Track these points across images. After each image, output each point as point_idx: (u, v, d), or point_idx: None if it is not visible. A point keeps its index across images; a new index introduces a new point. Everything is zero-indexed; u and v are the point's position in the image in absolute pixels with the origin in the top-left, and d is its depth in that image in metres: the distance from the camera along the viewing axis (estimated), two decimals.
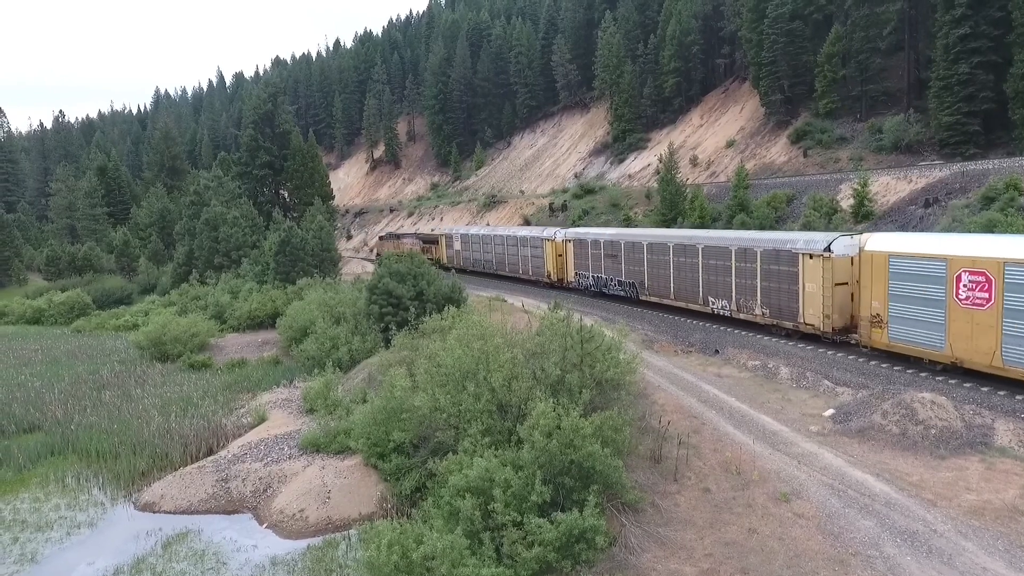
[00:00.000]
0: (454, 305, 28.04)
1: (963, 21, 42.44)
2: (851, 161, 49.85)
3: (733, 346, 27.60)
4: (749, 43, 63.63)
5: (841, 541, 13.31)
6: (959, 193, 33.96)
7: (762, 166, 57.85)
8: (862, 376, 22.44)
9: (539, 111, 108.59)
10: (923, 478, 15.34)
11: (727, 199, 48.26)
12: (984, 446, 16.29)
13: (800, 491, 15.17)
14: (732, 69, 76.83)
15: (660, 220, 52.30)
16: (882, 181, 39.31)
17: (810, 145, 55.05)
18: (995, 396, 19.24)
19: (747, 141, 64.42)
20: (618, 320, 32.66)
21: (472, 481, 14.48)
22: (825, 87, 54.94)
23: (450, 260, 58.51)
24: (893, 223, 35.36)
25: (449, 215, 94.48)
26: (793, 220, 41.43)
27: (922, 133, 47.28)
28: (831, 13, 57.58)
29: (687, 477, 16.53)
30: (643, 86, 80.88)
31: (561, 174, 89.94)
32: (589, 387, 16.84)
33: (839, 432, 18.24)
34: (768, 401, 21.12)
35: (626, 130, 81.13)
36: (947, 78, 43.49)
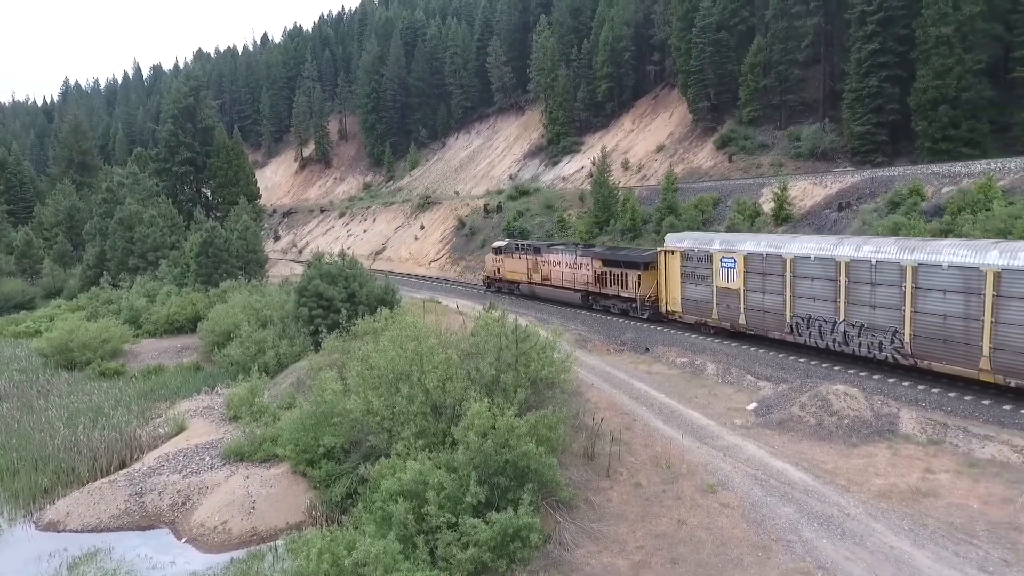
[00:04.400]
0: (387, 307, 27.57)
1: (873, 37, 45.25)
2: (772, 167, 52.27)
3: (663, 344, 28.39)
4: (678, 51, 65.67)
5: (764, 528, 13.87)
6: (869, 198, 36.20)
7: (690, 170, 59.87)
8: (782, 370, 23.53)
9: (474, 112, 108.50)
10: (837, 465, 16.21)
11: (657, 202, 49.66)
12: (891, 433, 17.37)
13: (726, 482, 15.73)
14: (662, 76, 79.09)
15: (593, 222, 53.22)
16: (800, 186, 41.43)
17: (735, 151, 57.34)
18: (900, 387, 20.59)
19: (676, 146, 66.51)
20: (552, 320, 33.00)
21: (405, 485, 14.24)
22: (748, 96, 57.37)
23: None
24: (810, 226, 37.31)
25: (383, 216, 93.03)
26: (719, 223, 43.06)
27: (836, 141, 50.09)
28: (754, 25, 60.19)
29: (619, 472, 16.83)
30: (577, 90, 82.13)
31: (496, 176, 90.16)
32: (524, 386, 16.89)
33: (761, 424, 19.04)
34: (696, 396, 21.82)
35: (560, 133, 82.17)
36: (858, 90, 46.25)
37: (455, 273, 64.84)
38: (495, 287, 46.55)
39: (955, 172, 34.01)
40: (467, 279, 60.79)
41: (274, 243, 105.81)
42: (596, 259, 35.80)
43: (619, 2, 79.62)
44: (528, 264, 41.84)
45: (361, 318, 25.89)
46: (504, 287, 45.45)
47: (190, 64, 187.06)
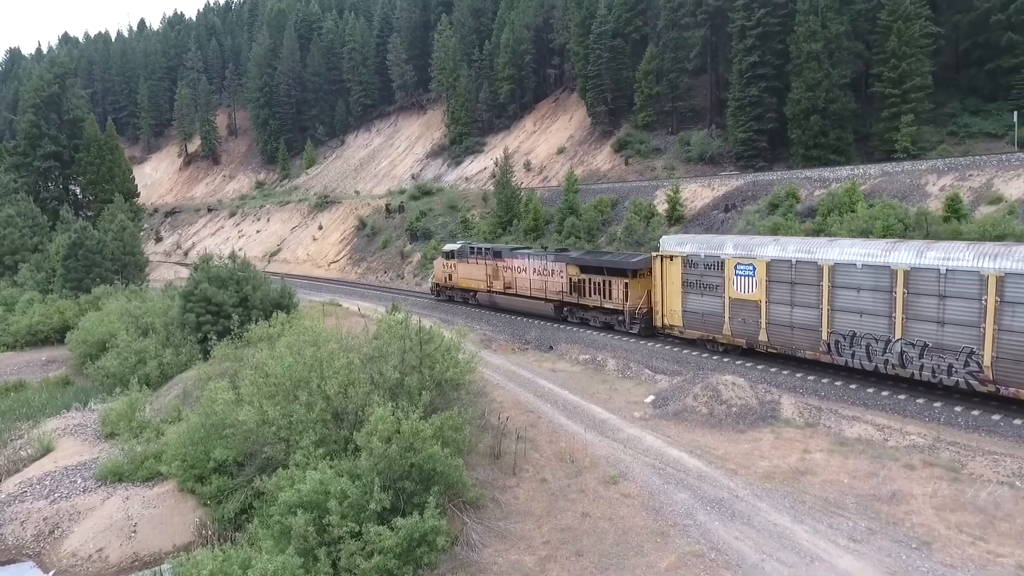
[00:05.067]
0: (283, 311, 26.34)
1: (753, 50, 48.64)
2: (665, 170, 54.90)
3: (566, 342, 29.01)
4: (577, 56, 67.47)
5: (662, 515, 14.48)
6: (751, 200, 38.88)
7: (590, 172, 61.67)
8: (677, 364, 24.71)
9: (374, 110, 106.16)
10: (727, 451, 17.21)
11: (559, 203, 50.77)
12: (773, 419, 18.68)
13: (627, 473, 16.28)
14: (562, 80, 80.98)
15: (497, 223, 53.57)
16: (691, 188, 43.78)
17: (631, 154, 59.71)
18: (780, 375, 22.19)
19: (576, 148, 68.31)
20: (457, 320, 32.85)
21: (305, 496, 13.64)
22: (643, 102, 59.93)
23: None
24: (700, 226, 39.51)
25: (277, 216, 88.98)
26: (617, 223, 44.66)
27: (722, 147, 53.41)
28: (647, 34, 62.95)
29: (525, 470, 17.01)
30: (479, 91, 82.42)
31: (398, 175, 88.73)
32: (429, 389, 16.66)
33: (659, 416, 19.89)
34: (598, 392, 22.46)
35: (463, 133, 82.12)
36: (741, 99, 49.56)
37: (356, 275, 63.14)
38: (446, 295, 41.10)
39: (825, 177, 37.18)
40: (369, 280, 59.40)
41: (156, 245, 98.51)
42: (572, 265, 30.96)
43: (520, 5, 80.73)
44: (487, 270, 36.50)
45: (255, 323, 24.56)
46: (457, 296, 40.07)
47: (55, 49, 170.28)
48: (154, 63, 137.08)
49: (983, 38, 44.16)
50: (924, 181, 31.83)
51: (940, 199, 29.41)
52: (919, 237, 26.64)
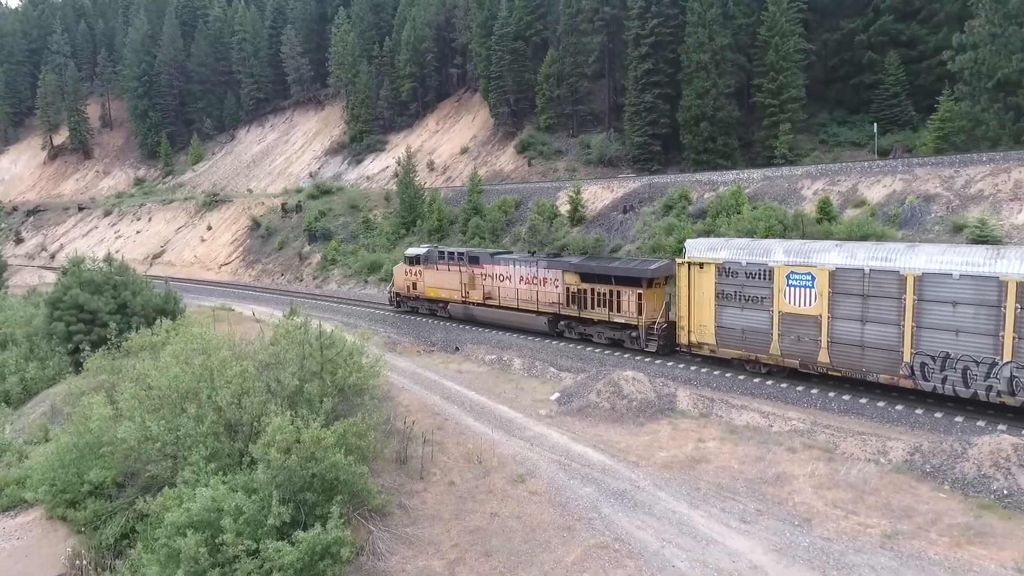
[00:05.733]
0: (168, 317, 24.53)
1: (647, 58, 50.83)
2: (567, 171, 56.24)
3: (472, 343, 28.98)
4: (479, 57, 67.66)
5: (568, 510, 14.75)
6: (648, 202, 40.61)
7: (493, 173, 62.02)
8: (581, 361, 25.32)
9: (268, 104, 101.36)
10: (628, 444, 17.82)
11: (463, 203, 50.67)
12: (671, 411, 19.54)
13: (533, 471, 16.47)
14: (464, 80, 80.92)
15: (400, 223, 52.70)
16: (592, 190, 45.10)
17: (533, 156, 60.67)
18: (676, 369, 23.30)
19: (479, 149, 68.48)
20: (360, 324, 31.99)
21: (195, 515, 12.72)
22: (544, 104, 61.05)
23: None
24: (600, 226, 40.78)
25: (160, 215, 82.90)
26: (521, 224, 45.22)
27: (620, 150, 55.45)
28: (548, 38, 64.19)
29: (433, 473, 16.80)
30: (380, 88, 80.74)
31: (295, 173, 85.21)
32: (331, 395, 16.06)
33: (563, 413, 20.28)
34: (504, 391, 22.58)
35: (363, 131, 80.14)
36: (636, 105, 51.67)
37: (250, 277, 59.98)
38: (408, 306, 35.99)
39: (714, 180, 39.46)
40: (265, 283, 56.62)
41: (15, 247, 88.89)
42: (570, 272, 27.37)
43: (421, 2, 79.85)
44: (462, 278, 32.04)
45: (136, 332, 22.70)
46: (423, 307, 35.10)
47: None
48: (12, 44, 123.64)
49: (848, 55, 48.62)
50: (800, 185, 34.55)
51: (814, 202, 32.02)
52: (796, 237, 28.89)
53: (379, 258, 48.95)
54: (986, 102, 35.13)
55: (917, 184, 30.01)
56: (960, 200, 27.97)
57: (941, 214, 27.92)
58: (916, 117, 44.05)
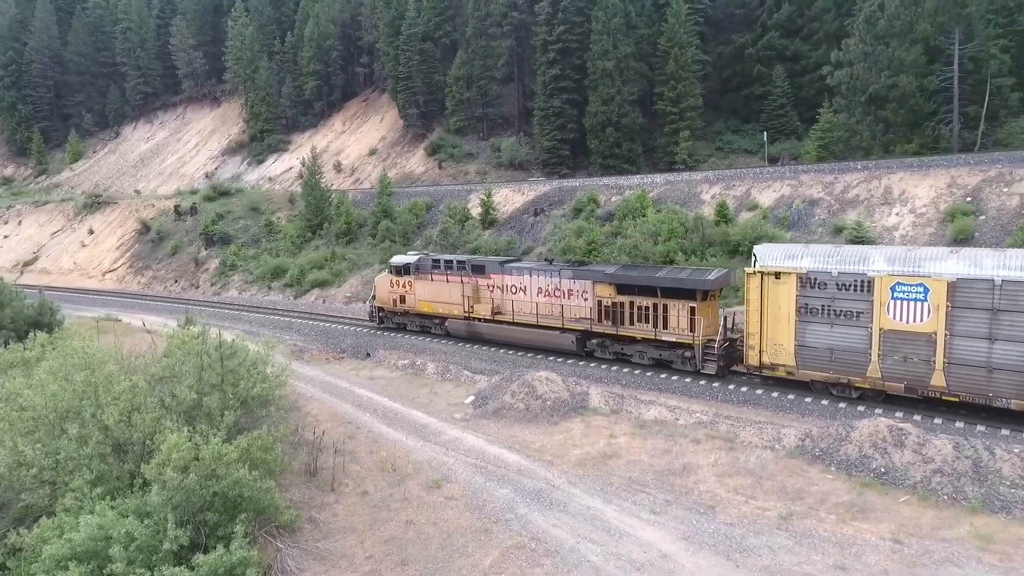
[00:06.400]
0: (44, 330, 22.36)
1: (555, 64, 51.84)
2: (478, 174, 56.34)
3: (384, 348, 28.39)
4: (386, 56, 66.49)
5: (485, 512, 14.71)
6: (558, 204, 41.41)
7: (403, 175, 61.15)
8: (495, 363, 25.39)
9: (157, 100, 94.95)
10: (543, 444, 18.04)
11: (372, 205, 49.61)
12: (583, 409, 19.97)
13: (449, 475, 16.31)
14: (372, 79, 79.26)
15: (306, 226, 50.86)
16: (503, 193, 45.42)
17: (444, 158, 60.35)
18: (588, 368, 23.85)
19: (388, 150, 67.30)
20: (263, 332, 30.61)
21: (80, 545, 11.62)
22: (454, 106, 60.88)
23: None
24: (512, 229, 41.15)
25: (32, 218, 75.61)
26: (432, 226, 44.81)
27: (530, 153, 56.21)
28: (457, 40, 64.05)
29: (345, 484, 16.27)
30: (282, 85, 77.61)
31: (189, 173, 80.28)
32: (233, 408, 15.18)
33: (479, 415, 20.24)
34: (418, 396, 22.26)
35: (265, 130, 76.74)
36: (545, 109, 52.57)
37: (140, 285, 55.89)
38: (394, 323, 31.38)
39: (620, 184, 40.80)
40: (156, 291, 52.92)
41: None
42: (603, 283, 23.99)
43: None
44: (464, 290, 27.96)
45: (5, 347, 20.52)
46: (413, 323, 30.68)
47: None
48: None
49: (740, 68, 51.75)
50: (699, 190, 36.39)
51: (712, 205, 33.81)
52: (697, 239, 30.40)
53: (283, 262, 47.00)
54: (860, 115, 38.47)
55: (803, 189, 32.39)
56: (840, 204, 30.46)
57: (824, 217, 30.28)
58: (801, 127, 47.53)
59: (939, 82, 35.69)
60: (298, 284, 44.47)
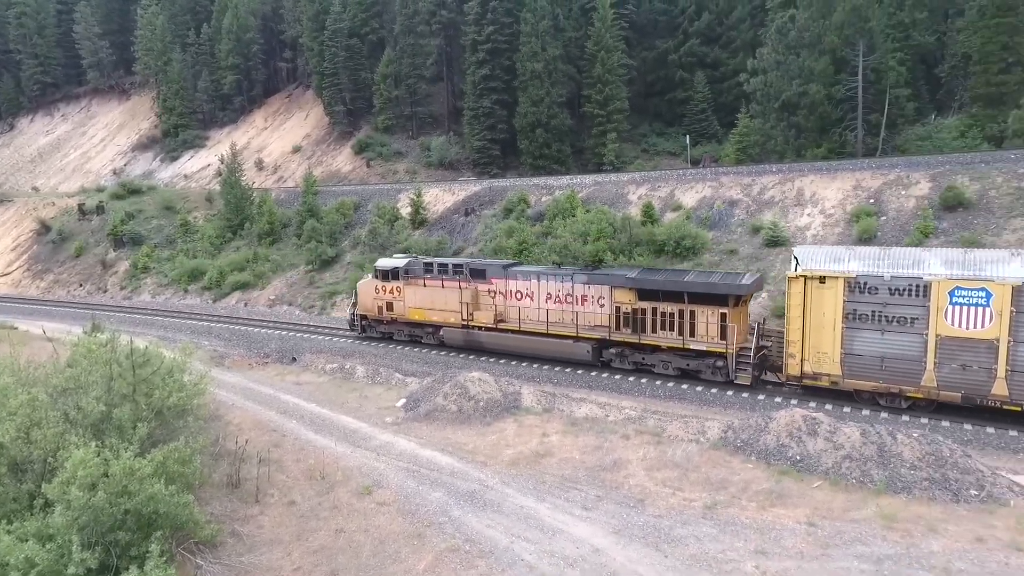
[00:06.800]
0: None
1: (484, 64, 51.82)
2: (408, 173, 55.60)
3: (311, 352, 27.54)
4: (311, 52, 64.59)
5: (418, 517, 14.50)
6: (489, 205, 41.41)
7: (329, 173, 59.56)
8: (426, 365, 25.11)
9: (58, 91, 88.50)
10: (476, 445, 17.96)
11: (297, 204, 48.09)
12: (516, 409, 20.03)
13: (381, 481, 15.98)
14: (295, 75, 76.81)
15: (225, 226, 48.70)
16: (433, 192, 44.99)
17: (372, 157, 59.21)
18: (520, 367, 23.96)
19: (314, 148, 65.41)
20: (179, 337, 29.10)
21: None
22: (382, 104, 59.83)
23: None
24: (442, 229, 40.83)
25: None
26: (361, 226, 43.85)
27: (461, 153, 55.98)
28: (384, 37, 62.95)
29: (270, 495, 15.65)
30: (197, 78, 74.00)
31: (94, 170, 75.27)
32: (147, 420, 14.29)
33: (411, 419, 19.94)
34: (347, 401, 21.71)
35: (179, 125, 72.95)
36: (475, 109, 52.49)
37: (39, 289, 51.91)
38: (380, 332, 29.33)
39: (550, 184, 41.25)
40: (58, 296, 49.29)
41: None
42: (622, 288, 22.65)
43: None
44: (462, 296, 26.16)
45: None
46: (401, 333, 28.75)
47: None
48: None
49: (663, 73, 53.43)
50: (627, 191, 37.29)
51: (638, 206, 34.71)
52: (624, 239, 31.12)
53: (201, 264, 44.82)
54: (774, 120, 40.52)
55: (723, 191, 33.76)
56: (757, 205, 31.94)
57: (743, 217, 31.67)
58: (721, 131, 49.57)
59: (845, 91, 38.05)
60: (217, 287, 42.50)
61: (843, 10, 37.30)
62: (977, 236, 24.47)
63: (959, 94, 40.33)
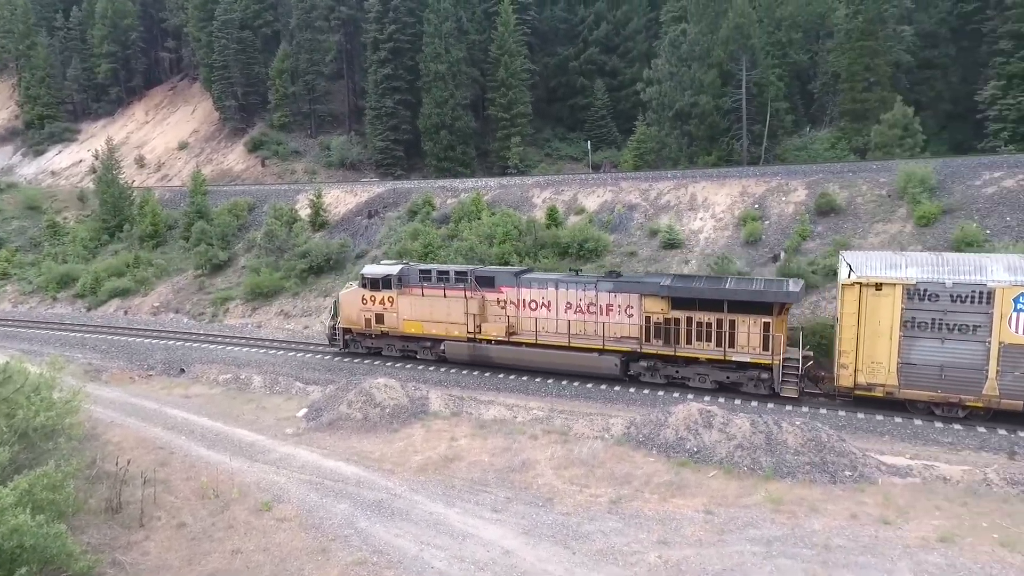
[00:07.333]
0: None
1: (386, 63, 50.79)
2: (306, 174, 53.50)
3: (202, 362, 25.85)
4: (198, 43, 60.77)
5: (322, 531, 13.93)
6: (393, 207, 40.58)
7: (220, 172, 56.25)
8: (329, 372, 24.23)
9: None
10: (383, 452, 17.54)
11: (184, 205, 45.01)
12: (424, 414, 19.75)
13: (281, 495, 15.22)
14: (180, 66, 71.96)
15: (101, 227, 44.77)
16: (334, 194, 43.50)
17: (268, 155, 56.49)
18: (428, 372, 23.66)
19: (203, 145, 61.54)
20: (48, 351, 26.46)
21: None
22: (278, 101, 57.22)
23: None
24: (344, 231, 39.60)
25: None
26: (256, 228, 41.71)
27: (363, 153, 54.55)
28: (279, 30, 60.27)
29: (157, 518, 14.51)
30: (67, 66, 67.65)
31: None
32: (9, 443, 12.83)
33: (313, 429, 19.16)
34: (243, 413, 20.56)
35: (45, 116, 66.36)
36: (377, 109, 51.34)
37: None
38: (367, 347, 26.50)
39: (455, 187, 41.07)
40: None
41: None
42: (653, 296, 21.19)
43: None
44: (468, 307, 23.92)
45: None
46: (392, 348, 26.08)
47: None
48: None
49: (564, 79, 54.69)
50: (531, 194, 37.80)
51: (543, 209, 35.27)
52: (530, 241, 31.54)
53: (73, 269, 41.01)
54: (668, 128, 42.51)
55: (623, 195, 35.00)
56: (654, 209, 33.37)
57: (641, 221, 32.98)
58: (620, 137, 51.35)
59: (731, 103, 40.58)
60: (93, 294, 38.95)
61: (727, 27, 39.80)
62: (847, 239, 26.82)
63: (830, 109, 44.05)
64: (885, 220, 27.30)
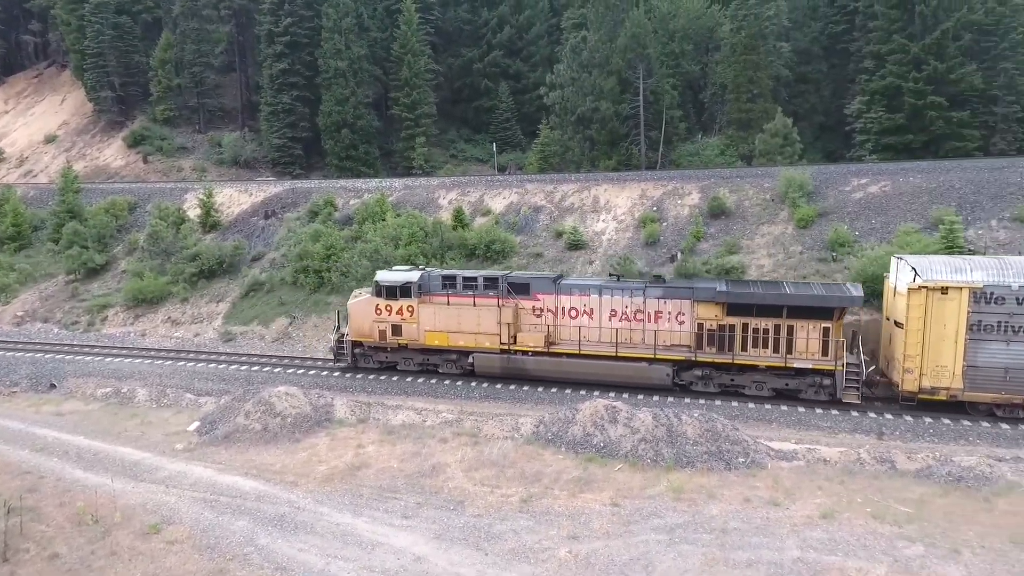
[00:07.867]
0: None
1: (282, 57, 48.65)
2: (195, 171, 50.22)
3: (76, 375, 23.60)
4: (67, 27, 55.56)
5: (218, 551, 13.06)
6: (292, 207, 38.86)
7: (96, 169, 51.67)
8: (223, 382, 22.84)
9: None
10: (285, 464, 16.71)
11: (53, 204, 40.95)
12: (328, 422, 19.02)
13: (172, 516, 14.14)
14: (46, 51, 65.52)
15: None
16: (227, 193, 41.06)
17: (150, 151, 52.53)
18: (332, 378, 22.82)
19: (74, 139, 56.31)
20: None
21: None
22: (161, 93, 53.38)
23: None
24: (239, 233, 37.48)
25: None
26: (138, 228, 38.63)
27: (258, 151, 51.92)
28: (161, 17, 56.22)
29: (25, 550, 13.06)
30: None
31: None
32: None
33: (206, 443, 17.97)
34: (126, 430, 18.97)
35: None
36: (273, 104, 49.06)
37: None
38: (379, 361, 23.98)
39: (358, 187, 39.96)
40: None
41: None
42: (707, 303, 20.37)
43: None
44: (501, 316, 22.12)
45: None
46: (410, 362, 23.67)
47: None
48: None
49: (469, 81, 54.73)
50: (437, 195, 37.44)
51: (449, 210, 35.03)
52: (436, 243, 31.22)
53: None
54: (571, 132, 43.55)
55: (528, 197, 35.43)
56: (559, 211, 34.03)
57: (547, 222, 33.52)
58: (524, 140, 52.02)
59: (630, 109, 42.18)
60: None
61: (625, 36, 41.36)
62: (736, 240, 28.57)
63: (719, 117, 46.80)
64: (769, 222, 29.32)
